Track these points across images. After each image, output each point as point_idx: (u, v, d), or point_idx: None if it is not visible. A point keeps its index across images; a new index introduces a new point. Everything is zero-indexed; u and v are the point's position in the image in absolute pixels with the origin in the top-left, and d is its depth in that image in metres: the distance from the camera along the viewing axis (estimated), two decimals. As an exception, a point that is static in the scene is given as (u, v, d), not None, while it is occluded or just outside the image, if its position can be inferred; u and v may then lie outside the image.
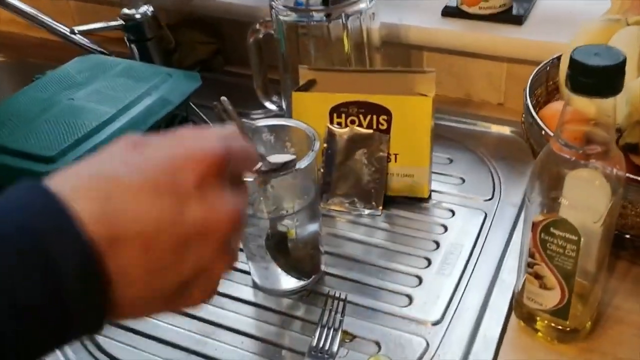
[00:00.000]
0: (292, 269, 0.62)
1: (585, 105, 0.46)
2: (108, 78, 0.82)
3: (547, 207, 0.51)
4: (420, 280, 0.64)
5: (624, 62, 0.44)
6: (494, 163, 0.80)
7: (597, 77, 0.44)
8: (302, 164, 0.56)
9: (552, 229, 0.50)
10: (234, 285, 0.65)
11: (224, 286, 0.65)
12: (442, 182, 0.77)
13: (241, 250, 0.66)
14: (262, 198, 0.58)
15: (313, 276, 0.64)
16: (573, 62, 0.44)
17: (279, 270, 0.61)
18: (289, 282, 0.64)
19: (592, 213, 0.49)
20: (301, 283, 0.64)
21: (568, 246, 0.50)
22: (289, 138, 0.63)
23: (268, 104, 0.87)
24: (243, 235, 0.62)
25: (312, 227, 0.63)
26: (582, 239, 0.49)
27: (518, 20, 0.86)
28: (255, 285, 0.65)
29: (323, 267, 0.66)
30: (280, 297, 0.63)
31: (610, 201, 0.49)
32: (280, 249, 0.60)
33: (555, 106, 0.68)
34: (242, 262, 0.66)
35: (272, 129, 0.63)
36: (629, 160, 0.61)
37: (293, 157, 0.53)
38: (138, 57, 0.97)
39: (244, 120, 0.60)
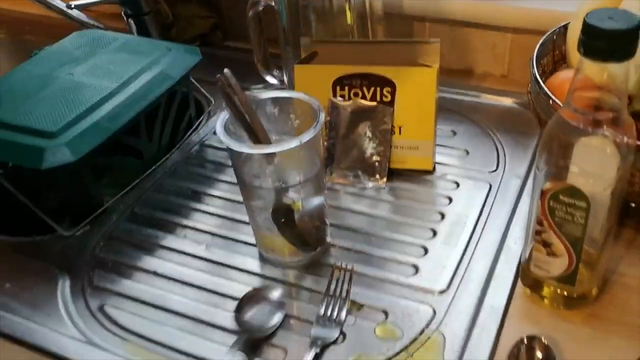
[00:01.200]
0: (298, 241, 0.62)
1: (597, 71, 0.46)
2: (107, 53, 0.81)
3: (554, 175, 0.50)
4: (426, 250, 0.64)
5: (638, 26, 0.43)
6: (498, 135, 0.80)
7: (612, 41, 0.44)
8: (306, 137, 0.55)
9: (561, 197, 0.50)
10: (241, 257, 0.65)
11: (231, 258, 0.65)
12: (446, 155, 0.77)
13: (247, 223, 0.66)
14: (267, 171, 0.58)
15: (319, 248, 0.64)
16: (586, 26, 0.44)
17: (285, 242, 0.61)
18: (294, 255, 0.63)
19: (601, 181, 0.49)
20: (307, 255, 0.64)
21: (577, 213, 0.50)
22: (293, 110, 0.62)
23: (269, 78, 0.86)
24: (249, 208, 0.62)
25: (317, 200, 0.62)
26: (591, 206, 0.49)
27: (522, -10, 0.85)
28: (261, 258, 0.65)
29: (329, 239, 0.66)
30: (286, 269, 0.63)
31: (619, 169, 0.48)
32: (287, 221, 0.60)
33: (563, 75, 0.68)
34: (248, 235, 0.66)
35: (276, 101, 0.62)
36: (638, 128, 0.60)
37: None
38: (136, 31, 0.96)
39: (247, 93, 0.60)
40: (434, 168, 0.74)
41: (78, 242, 0.69)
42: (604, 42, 0.44)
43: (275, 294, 0.60)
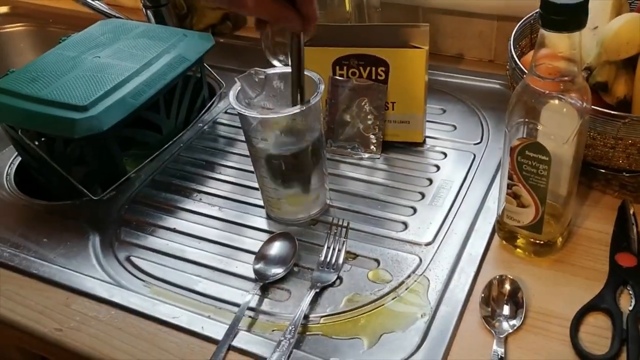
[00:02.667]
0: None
1: (555, 41, 0.53)
2: (129, 39, 0.89)
3: (525, 134, 0.58)
4: (415, 210, 0.72)
5: (586, 1, 0.51)
6: (483, 112, 0.87)
7: (564, 14, 0.51)
8: (310, 102, 0.63)
9: (527, 152, 0.58)
10: (250, 217, 0.74)
11: (242, 217, 0.74)
12: (435, 130, 0.85)
13: (256, 188, 0.73)
14: (274, 135, 0.66)
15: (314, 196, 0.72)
16: (543, 2, 0.52)
17: (288, 203, 0.69)
18: (297, 213, 0.72)
19: (560, 138, 0.57)
20: (310, 213, 0.72)
21: (540, 166, 0.58)
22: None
23: (276, 63, 0.94)
24: (258, 171, 0.70)
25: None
26: (552, 161, 0.57)
27: (507, -19, 0.93)
28: (268, 217, 0.73)
29: (328, 201, 0.74)
30: (290, 225, 0.71)
31: (576, 127, 0.56)
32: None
33: (535, 53, 0.75)
34: (257, 199, 0.74)
35: (281, 76, 0.70)
36: (599, 99, 0.68)
37: None
38: (154, 21, 1.04)
39: (256, 69, 0.68)
40: (424, 141, 0.82)
41: (106, 205, 0.77)
42: (559, 15, 0.52)
43: (284, 245, 0.68)
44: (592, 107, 0.59)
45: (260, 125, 0.66)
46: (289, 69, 0.69)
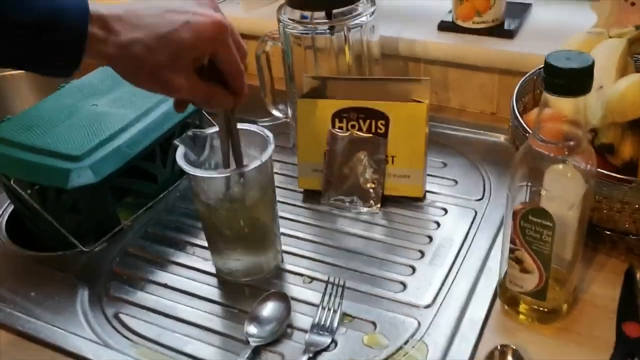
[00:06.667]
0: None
1: (559, 105, 0.52)
2: (128, 86, 0.87)
3: (528, 198, 0.56)
4: (414, 269, 0.70)
5: (592, 66, 0.50)
6: (485, 167, 0.86)
7: (568, 78, 0.50)
8: (248, 167, 0.62)
9: (530, 217, 0.56)
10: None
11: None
12: (436, 184, 0.83)
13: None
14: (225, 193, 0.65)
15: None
16: (547, 65, 0.51)
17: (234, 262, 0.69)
18: (245, 274, 0.70)
19: (565, 202, 0.55)
20: (258, 274, 0.70)
21: (544, 232, 0.56)
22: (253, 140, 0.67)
23: (275, 112, 0.94)
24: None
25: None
26: (556, 225, 0.55)
27: (509, 34, 0.92)
28: (218, 274, 0.72)
29: (280, 263, 0.72)
30: (289, 284, 0.69)
31: (581, 192, 0.54)
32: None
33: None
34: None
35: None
36: (605, 160, 0.67)
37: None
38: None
39: (194, 130, 0.66)
40: (425, 195, 0.81)
41: (96, 256, 0.75)
42: (563, 79, 0.50)
43: (278, 306, 0.66)
44: (598, 170, 0.58)
45: (203, 183, 0.65)
46: (244, 126, 0.66)
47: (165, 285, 0.71)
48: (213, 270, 0.72)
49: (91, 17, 0.47)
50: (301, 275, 0.71)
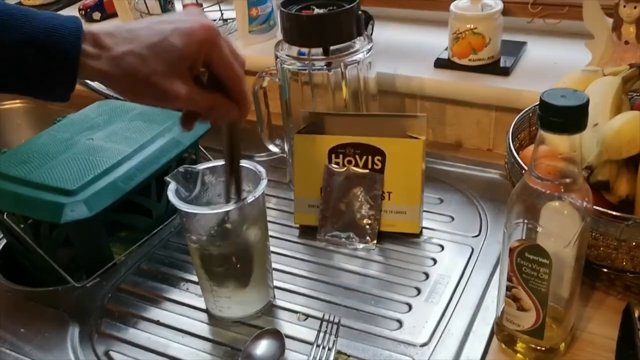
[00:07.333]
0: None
1: (554, 142, 0.52)
2: (125, 121, 0.88)
3: (525, 235, 0.56)
4: (410, 307, 0.69)
5: (587, 104, 0.50)
6: (482, 203, 0.85)
7: (564, 116, 0.50)
8: (246, 200, 0.62)
9: (526, 254, 0.55)
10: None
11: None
12: (433, 220, 0.83)
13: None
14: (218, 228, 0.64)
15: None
16: (542, 103, 0.51)
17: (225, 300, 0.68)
18: (236, 312, 0.69)
19: (562, 240, 0.54)
20: (248, 312, 0.69)
21: (541, 269, 0.55)
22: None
23: (272, 147, 0.94)
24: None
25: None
26: (553, 263, 0.54)
27: (505, 72, 0.93)
28: (209, 314, 0.70)
29: (272, 300, 0.71)
30: (283, 321, 0.68)
31: (578, 229, 0.54)
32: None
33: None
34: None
35: (212, 170, 0.67)
36: (601, 197, 0.66)
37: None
38: (152, 103, 1.04)
39: (185, 166, 0.66)
40: (421, 232, 0.80)
41: (88, 292, 0.74)
42: (559, 117, 0.50)
43: (271, 344, 0.64)
44: (594, 207, 0.57)
45: (193, 219, 0.64)
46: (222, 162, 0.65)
47: (158, 322, 0.70)
48: (205, 307, 0.71)
49: (84, 35, 0.47)
50: (296, 312, 0.70)
